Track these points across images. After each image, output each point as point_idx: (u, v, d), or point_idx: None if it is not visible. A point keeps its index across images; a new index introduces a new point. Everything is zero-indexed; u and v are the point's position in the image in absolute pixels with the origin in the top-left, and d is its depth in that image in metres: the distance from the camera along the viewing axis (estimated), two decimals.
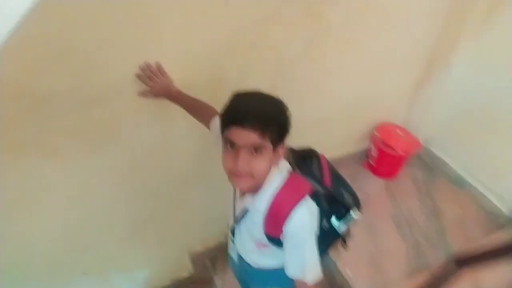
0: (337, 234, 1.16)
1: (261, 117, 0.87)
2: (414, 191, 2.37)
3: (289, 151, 1.18)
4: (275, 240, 1.05)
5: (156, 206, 1.74)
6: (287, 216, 0.96)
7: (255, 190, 1.03)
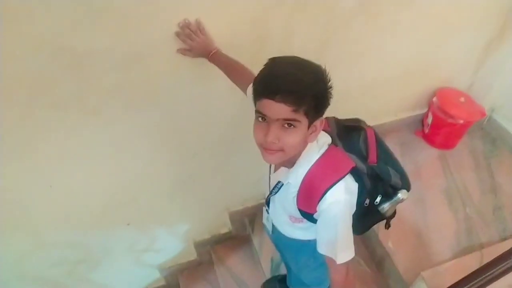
0: (380, 215, 1.08)
1: (295, 89, 0.79)
2: (472, 163, 2.17)
3: (333, 122, 1.08)
4: (308, 216, 1.00)
5: (196, 167, 1.74)
6: (322, 194, 0.91)
7: (290, 163, 0.97)
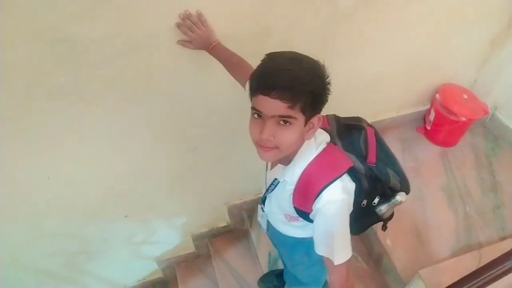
0: (377, 216, 1.06)
1: (290, 85, 0.76)
2: (473, 162, 2.15)
3: (333, 120, 1.06)
4: (304, 215, 0.99)
5: (195, 159, 1.72)
6: (318, 193, 0.89)
7: (287, 161, 0.96)
